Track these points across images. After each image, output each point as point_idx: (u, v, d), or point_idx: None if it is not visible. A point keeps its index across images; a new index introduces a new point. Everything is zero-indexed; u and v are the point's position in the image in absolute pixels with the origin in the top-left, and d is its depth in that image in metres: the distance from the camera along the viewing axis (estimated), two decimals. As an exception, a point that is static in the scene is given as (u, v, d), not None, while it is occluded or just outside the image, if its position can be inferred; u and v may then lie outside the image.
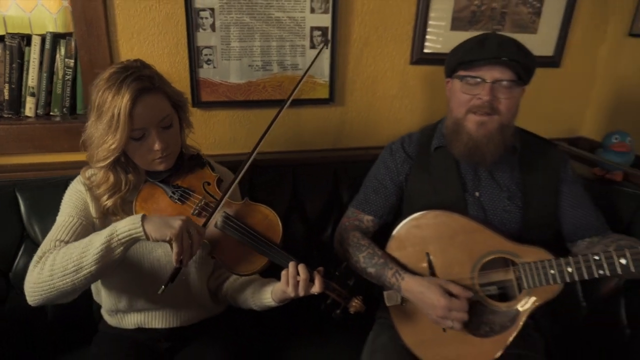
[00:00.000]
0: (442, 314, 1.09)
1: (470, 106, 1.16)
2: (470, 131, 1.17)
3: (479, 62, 1.12)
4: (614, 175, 1.49)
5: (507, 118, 1.16)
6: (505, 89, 1.14)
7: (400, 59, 1.71)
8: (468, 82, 1.16)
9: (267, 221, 1.12)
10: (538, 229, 1.23)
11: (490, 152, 1.17)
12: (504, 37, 1.16)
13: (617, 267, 1.01)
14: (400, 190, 1.35)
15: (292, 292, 1.06)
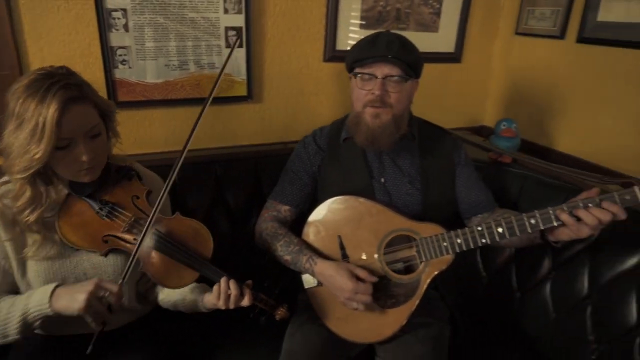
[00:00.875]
0: (349, 296, 1.20)
1: (366, 100, 1.27)
2: (367, 123, 1.28)
3: (369, 59, 1.24)
4: (504, 158, 1.67)
5: (399, 110, 1.28)
6: (394, 84, 1.25)
7: (315, 57, 1.80)
8: (363, 79, 1.27)
9: (198, 236, 1.13)
10: (437, 209, 1.37)
11: (385, 141, 1.30)
12: (392, 36, 1.27)
13: (496, 235, 1.16)
14: (314, 180, 1.45)
15: (222, 305, 1.11)
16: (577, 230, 1.08)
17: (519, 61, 1.99)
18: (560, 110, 1.82)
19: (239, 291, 1.11)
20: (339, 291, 1.22)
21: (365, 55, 1.25)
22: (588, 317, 1.32)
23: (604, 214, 1.04)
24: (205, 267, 1.11)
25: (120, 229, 1.10)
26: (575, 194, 1.41)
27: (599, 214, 1.05)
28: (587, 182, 1.37)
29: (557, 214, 1.10)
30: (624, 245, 1.27)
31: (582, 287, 1.34)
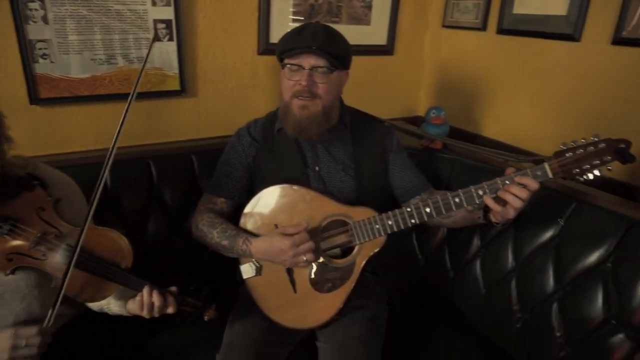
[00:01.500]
0: (293, 252, 1.21)
1: (294, 91, 1.28)
2: (295, 114, 1.29)
3: (296, 50, 1.25)
4: (435, 144, 1.75)
5: (327, 100, 1.30)
6: (321, 75, 1.26)
7: (248, 50, 1.80)
8: (291, 69, 1.28)
9: (115, 246, 1.07)
10: (371, 195, 1.41)
11: (314, 132, 1.31)
12: (319, 27, 1.29)
13: (424, 214, 1.21)
14: (249, 172, 1.45)
15: (147, 315, 1.08)
16: (503, 211, 1.14)
17: (447, 53, 2.08)
18: (485, 98, 1.92)
19: (163, 300, 1.07)
20: (282, 254, 1.23)
21: (291, 45, 1.27)
22: (513, 289, 1.40)
23: (520, 190, 1.12)
24: (124, 278, 1.06)
25: (25, 247, 1.00)
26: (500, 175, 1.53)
27: (515, 191, 1.12)
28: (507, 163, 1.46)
29: (479, 194, 1.17)
30: (541, 222, 1.37)
31: (507, 261, 1.43)
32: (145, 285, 1.07)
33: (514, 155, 1.28)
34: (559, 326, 1.27)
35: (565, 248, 1.30)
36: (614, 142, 1.11)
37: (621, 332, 1.16)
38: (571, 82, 1.58)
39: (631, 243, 1.19)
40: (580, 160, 1.12)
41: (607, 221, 1.25)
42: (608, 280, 1.20)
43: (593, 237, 1.25)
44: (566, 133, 1.61)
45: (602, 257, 1.22)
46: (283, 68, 1.30)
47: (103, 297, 1.08)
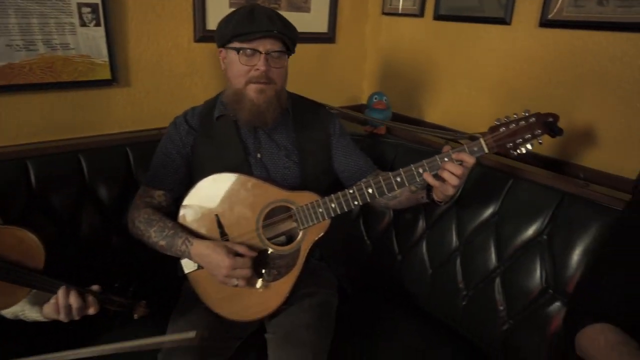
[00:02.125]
0: (227, 272, 1.17)
1: (249, 77, 1.24)
2: (252, 99, 1.26)
3: (254, 34, 1.21)
4: (379, 130, 1.75)
5: (280, 85, 1.29)
6: (276, 59, 1.25)
7: (184, 37, 1.72)
8: (245, 54, 1.23)
9: (23, 246, 0.99)
10: (316, 180, 1.38)
11: (270, 116, 1.29)
12: (269, 10, 1.26)
13: (367, 195, 1.20)
14: (187, 161, 1.38)
15: (65, 319, 1.00)
16: (443, 187, 1.15)
17: (388, 40, 2.09)
18: (425, 84, 1.95)
19: (81, 302, 1.00)
20: (217, 269, 1.18)
21: (247, 29, 1.22)
22: (458, 267, 1.43)
23: (456, 166, 1.13)
24: (35, 280, 0.98)
25: None
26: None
27: (452, 167, 1.13)
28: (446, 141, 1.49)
29: (419, 172, 1.17)
30: (481, 200, 1.40)
31: (451, 240, 1.45)
32: (61, 287, 0.99)
33: (452, 134, 1.30)
34: (502, 300, 1.31)
35: (505, 224, 1.34)
36: (543, 116, 1.15)
37: (558, 300, 1.21)
38: (504, 65, 1.63)
39: (563, 215, 1.24)
40: (513, 134, 1.15)
41: (541, 195, 1.29)
42: (544, 252, 1.24)
43: (529, 211, 1.29)
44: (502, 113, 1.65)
45: (538, 230, 1.27)
46: (237, 52, 1.24)
47: (13, 302, 0.99)
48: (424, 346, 1.40)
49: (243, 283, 1.19)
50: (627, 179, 1.31)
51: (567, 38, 1.43)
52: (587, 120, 1.41)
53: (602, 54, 1.35)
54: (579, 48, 1.40)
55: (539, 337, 1.22)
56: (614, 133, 1.35)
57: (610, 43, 1.33)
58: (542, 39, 1.50)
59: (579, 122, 1.42)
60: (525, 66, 1.56)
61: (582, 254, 1.18)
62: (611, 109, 1.35)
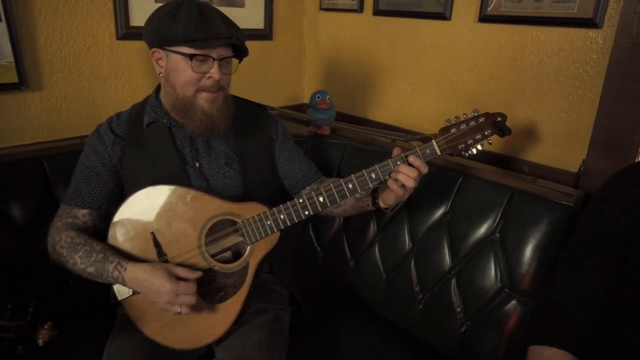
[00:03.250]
0: (169, 299, 1.04)
1: (201, 85, 1.13)
2: (203, 108, 1.15)
3: (212, 41, 1.10)
4: (323, 130, 1.68)
5: (227, 91, 1.21)
6: (227, 65, 1.17)
7: (105, 34, 1.55)
8: (198, 60, 1.11)
9: None
10: (259, 189, 1.28)
11: (223, 124, 1.20)
12: (216, 10, 1.15)
13: (318, 205, 1.12)
14: (115, 175, 1.23)
15: None
16: (397, 191, 1.10)
17: (327, 36, 2.03)
18: (368, 81, 1.90)
19: None
20: (157, 296, 1.06)
21: (203, 34, 1.09)
22: (412, 270, 1.39)
23: (410, 169, 1.08)
24: None
25: None
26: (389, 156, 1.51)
27: (406, 171, 1.08)
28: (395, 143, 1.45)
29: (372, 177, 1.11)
30: (432, 200, 1.37)
31: (404, 243, 1.41)
32: None
33: (402, 135, 1.25)
34: (458, 302, 1.28)
35: (457, 223, 1.32)
36: (491, 116, 1.15)
37: (513, 298, 1.20)
38: (446, 60, 1.62)
39: (514, 211, 1.23)
40: (464, 135, 1.13)
41: (491, 193, 1.28)
42: (498, 250, 1.23)
43: (481, 209, 1.28)
44: (445, 110, 1.65)
45: (491, 228, 1.26)
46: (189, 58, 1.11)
47: None
48: (381, 352, 1.36)
49: (187, 310, 1.07)
50: (569, 172, 1.34)
51: (506, 33, 1.43)
52: (528, 115, 1.42)
53: (539, 49, 1.37)
54: (517, 43, 1.41)
55: (496, 337, 1.21)
56: (555, 127, 1.37)
57: (547, 38, 1.34)
58: (482, 34, 1.49)
59: (521, 117, 1.43)
60: (466, 61, 1.55)
61: (535, 250, 1.18)
62: (550, 103, 1.37)
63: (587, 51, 1.27)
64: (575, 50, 1.29)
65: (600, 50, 1.24)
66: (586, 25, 1.26)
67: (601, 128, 1.24)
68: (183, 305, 1.06)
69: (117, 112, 1.30)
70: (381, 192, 1.17)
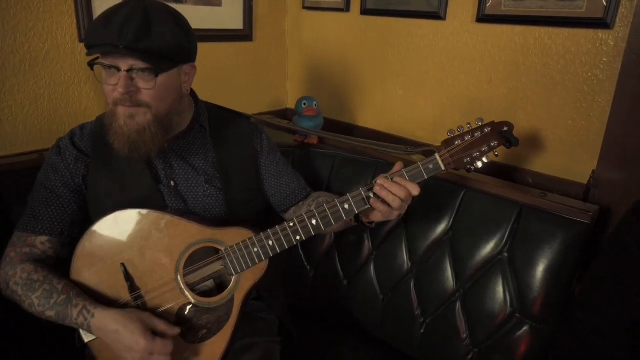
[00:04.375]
0: (141, 358, 0.91)
1: (114, 98, 0.96)
2: (121, 125, 0.97)
3: (103, 48, 0.92)
4: (311, 139, 1.55)
5: (160, 109, 0.99)
6: (144, 78, 0.94)
7: (65, 36, 1.39)
8: (105, 69, 0.96)
9: None
10: (243, 208, 1.16)
11: (148, 147, 0.99)
12: (137, 11, 0.93)
13: (311, 228, 1.00)
14: (79, 196, 1.08)
15: None
16: (388, 212, 1.00)
17: (311, 37, 1.90)
18: (356, 85, 1.79)
19: None
20: (127, 351, 0.92)
21: (96, 40, 0.93)
22: (412, 291, 1.28)
23: (400, 190, 0.98)
24: None
25: None
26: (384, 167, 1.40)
27: (396, 191, 0.98)
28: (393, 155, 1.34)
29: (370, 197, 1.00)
30: (431, 215, 1.26)
31: (403, 261, 1.31)
32: None
33: (402, 147, 1.14)
34: (464, 327, 1.18)
35: (460, 241, 1.21)
36: (497, 126, 1.06)
37: (525, 324, 1.10)
38: (440, 63, 1.51)
39: (523, 229, 1.13)
40: (469, 147, 1.04)
41: (497, 208, 1.18)
42: (506, 271, 1.14)
43: (486, 225, 1.18)
44: (440, 116, 1.55)
45: (498, 247, 1.16)
46: (100, 67, 0.96)
47: None
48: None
49: None
50: (577, 183, 1.25)
51: (506, 34, 1.34)
52: (532, 122, 1.33)
53: (544, 51, 1.27)
54: (519, 45, 1.31)
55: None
56: (561, 135, 1.28)
57: (552, 39, 1.25)
58: (480, 35, 1.39)
59: (523, 124, 1.34)
60: (463, 64, 1.45)
61: (547, 271, 1.08)
62: (556, 109, 1.28)
63: (597, 54, 1.18)
64: (584, 52, 1.20)
65: (611, 53, 1.16)
66: (596, 26, 1.17)
67: (613, 136, 1.15)
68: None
69: (82, 123, 1.15)
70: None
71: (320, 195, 1.24)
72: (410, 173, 1.01)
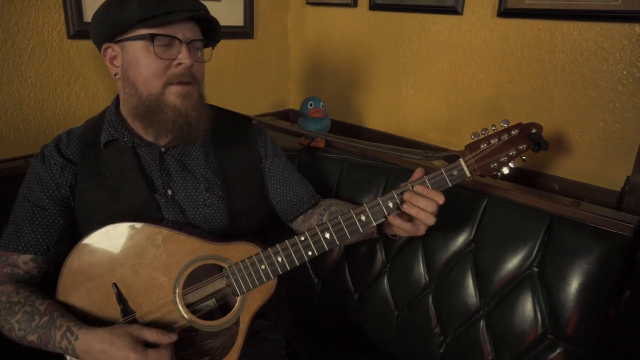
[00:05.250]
0: None
1: (170, 75, 0.91)
2: (177, 106, 0.92)
3: (170, 15, 0.87)
4: (317, 142, 1.45)
5: (201, 87, 0.98)
6: (198, 51, 0.96)
7: (53, 32, 1.28)
8: (161, 43, 0.89)
9: None
10: (247, 217, 1.06)
11: (202, 128, 0.98)
12: None
13: (324, 243, 0.90)
14: (66, 208, 0.98)
15: None
16: (414, 229, 0.91)
17: (315, 34, 1.80)
18: (364, 85, 1.69)
19: None
20: None
21: (163, 8, 0.87)
22: (430, 307, 1.19)
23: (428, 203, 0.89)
24: None
25: None
26: (398, 172, 1.30)
27: (421, 203, 0.88)
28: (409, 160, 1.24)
29: (389, 207, 0.90)
30: (452, 225, 1.16)
31: (420, 275, 1.21)
32: None
33: (421, 152, 1.04)
34: (489, 348, 1.08)
35: (484, 254, 1.12)
36: (526, 127, 0.98)
37: (559, 346, 1.00)
38: (457, 61, 1.41)
39: (554, 241, 1.03)
40: (496, 152, 0.96)
41: (525, 218, 1.08)
42: (537, 288, 1.04)
43: (513, 238, 1.08)
44: (455, 117, 1.45)
45: (527, 261, 1.06)
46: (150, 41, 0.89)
47: None
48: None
49: None
50: (609, 190, 1.16)
51: (530, 29, 1.24)
52: (558, 124, 1.23)
53: (573, 48, 1.18)
54: (545, 41, 1.22)
55: (538, 392, 1.02)
56: (591, 138, 1.19)
57: (582, 35, 1.16)
58: (501, 31, 1.30)
59: (549, 127, 1.24)
60: (482, 63, 1.35)
61: (583, 288, 0.98)
62: (586, 111, 1.19)
63: (633, 50, 1.08)
64: (618, 48, 1.10)
65: (649, 49, 1.07)
66: (632, 20, 1.07)
67: (651, 140, 1.06)
68: None
69: (69, 128, 1.05)
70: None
71: (332, 203, 1.14)
72: (433, 181, 0.92)
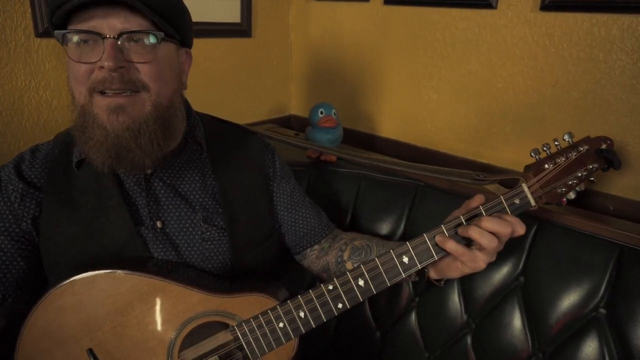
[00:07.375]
0: None
1: (91, 83, 0.67)
2: (102, 123, 0.68)
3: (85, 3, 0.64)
4: (327, 156, 1.27)
5: (162, 94, 0.71)
6: (141, 47, 0.69)
7: (17, 29, 1.08)
8: (79, 41, 0.67)
9: None
10: (254, 251, 0.88)
11: (144, 152, 0.71)
12: None
13: (358, 293, 0.72)
14: (28, 246, 0.78)
15: None
16: (472, 260, 0.73)
17: (320, 32, 1.62)
18: (375, 88, 1.51)
19: None
20: None
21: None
22: (470, 350, 1.01)
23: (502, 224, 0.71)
24: None
25: None
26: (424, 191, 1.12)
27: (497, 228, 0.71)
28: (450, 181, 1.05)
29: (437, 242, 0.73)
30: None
31: (457, 312, 1.03)
32: None
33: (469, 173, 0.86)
34: (547, 405, 0.91)
35: (536, 290, 0.94)
36: (595, 142, 0.82)
37: (637, 406, 0.84)
38: (487, 62, 1.24)
39: (625, 278, 0.86)
40: (563, 173, 0.79)
41: (586, 248, 0.91)
42: (605, 332, 0.86)
43: (572, 272, 0.91)
44: (487, 126, 1.28)
45: (592, 301, 0.88)
46: (68, 41, 0.68)
47: None
48: None
49: None
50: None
51: (581, 24, 1.07)
52: (613, 133, 1.06)
53: (635, 46, 1.01)
54: (599, 38, 1.05)
55: None
56: (652, 150, 1.03)
57: (643, 31, 0.99)
58: (544, 27, 1.12)
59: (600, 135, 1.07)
60: (519, 63, 1.18)
61: (665, 336, 0.82)
62: (646, 118, 1.02)
63: None
64: (692, 46, 0.94)
65: None
66: None
67: None
68: None
69: (34, 145, 0.86)
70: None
71: (355, 237, 0.96)
72: (491, 212, 0.74)
